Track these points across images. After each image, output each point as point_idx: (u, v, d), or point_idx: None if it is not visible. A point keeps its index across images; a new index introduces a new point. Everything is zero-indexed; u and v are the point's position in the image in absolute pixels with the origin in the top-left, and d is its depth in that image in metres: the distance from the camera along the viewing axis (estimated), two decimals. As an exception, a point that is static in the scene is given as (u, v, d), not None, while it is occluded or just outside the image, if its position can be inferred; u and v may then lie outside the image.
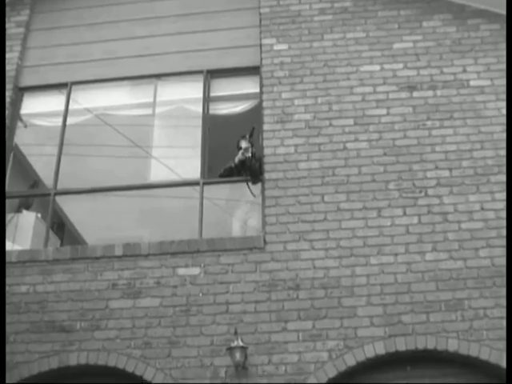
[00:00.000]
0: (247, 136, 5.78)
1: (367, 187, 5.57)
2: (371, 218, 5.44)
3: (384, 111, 5.83)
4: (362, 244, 5.34)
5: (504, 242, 5.18)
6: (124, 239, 5.59)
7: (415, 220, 5.37)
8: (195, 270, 5.38)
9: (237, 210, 6.10)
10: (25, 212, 6.12)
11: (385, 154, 5.66)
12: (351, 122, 5.81)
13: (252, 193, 5.76)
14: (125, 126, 6.21)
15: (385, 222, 5.41)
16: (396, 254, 5.29)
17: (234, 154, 5.95)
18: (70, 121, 6.15)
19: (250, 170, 5.74)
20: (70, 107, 6.18)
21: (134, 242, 5.55)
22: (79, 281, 5.38)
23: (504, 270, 5.10)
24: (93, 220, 6.33)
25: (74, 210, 6.40)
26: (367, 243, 5.34)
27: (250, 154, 5.70)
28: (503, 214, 5.30)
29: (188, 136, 6.20)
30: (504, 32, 5.82)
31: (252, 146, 5.87)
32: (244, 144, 5.79)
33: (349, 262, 5.30)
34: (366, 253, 5.32)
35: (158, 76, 6.29)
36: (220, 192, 6.07)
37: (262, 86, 6.06)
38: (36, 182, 6.42)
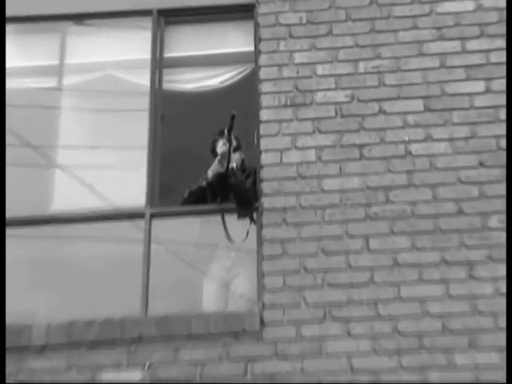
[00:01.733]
0: (225, 131, 5.67)
1: (450, 224, 5.18)
2: (457, 281, 5.01)
3: (481, 86, 5.50)
4: (441, 327, 4.86)
5: None
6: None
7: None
8: (134, 375, 5.09)
9: (212, 263, 5.82)
10: None
11: (481, 165, 5.28)
12: (419, 105, 5.48)
13: (228, 235, 5.67)
14: (9, 109, 5.83)
15: (481, 289, 4.98)
16: (503, 349, 4.80)
17: (207, 164, 5.85)
18: None
19: (235, 192, 5.63)
20: None
21: (17, 323, 5.20)
22: None
23: None
24: None
25: None
26: (448, 326, 4.87)
27: (233, 164, 5.64)
28: None
29: (124, 130, 6.10)
30: None
31: (238, 148, 5.85)
32: (221, 147, 5.79)
33: (416, 361, 4.83)
34: (448, 344, 4.81)
35: (70, 18, 6.20)
36: (182, 231, 5.88)
37: (258, 39, 5.88)
38: None
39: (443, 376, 4.92)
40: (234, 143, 5.84)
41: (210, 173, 5.78)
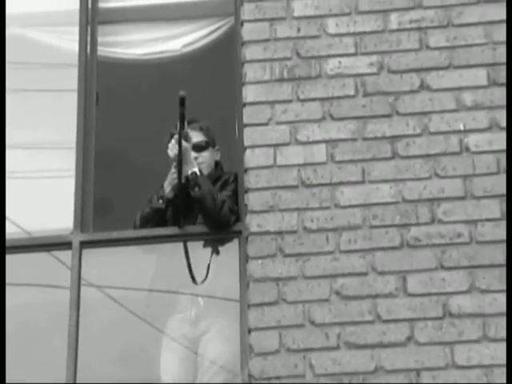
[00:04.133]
0: (179, 126, 5.75)
1: None
2: None
3: None
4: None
5: None
6: None
7: None
8: None
9: (171, 315, 5.82)
10: None
11: None
12: (482, 77, 5.58)
13: (191, 273, 5.76)
14: None
15: None
16: None
17: (163, 167, 5.93)
18: None
19: (201, 209, 5.75)
20: None
21: None
22: None
23: None
24: None
25: None
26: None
27: (194, 170, 5.76)
28: None
29: (41, 118, 6.16)
30: None
31: (208, 144, 6.01)
32: (172, 147, 5.87)
33: None
34: None
35: None
36: (126, 266, 5.93)
37: None
38: None
39: None
40: (200, 138, 5.91)
41: (168, 186, 5.81)
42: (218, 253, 5.82)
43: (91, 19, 6.16)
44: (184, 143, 5.74)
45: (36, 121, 6.31)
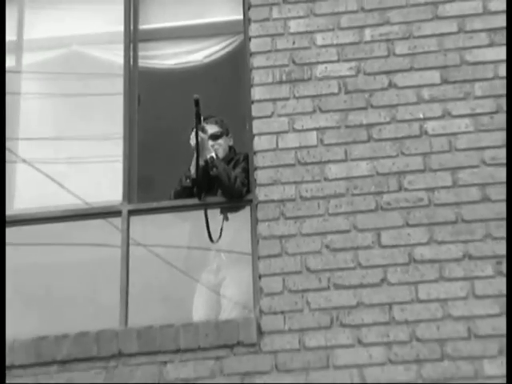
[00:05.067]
0: (195, 122, 5.77)
1: (473, 214, 5.32)
2: (484, 279, 5.14)
3: (503, 52, 5.63)
4: (466, 333, 5.03)
5: None
6: None
7: None
8: None
9: (199, 266, 5.95)
10: None
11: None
12: (436, 76, 5.62)
13: (209, 233, 5.81)
14: None
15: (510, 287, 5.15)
16: None
17: (192, 152, 5.94)
18: None
19: (219, 185, 5.82)
20: None
21: None
22: None
23: None
24: None
25: None
26: (475, 331, 5.03)
27: (211, 154, 5.84)
28: None
29: (94, 114, 6.22)
30: None
31: (223, 133, 6.06)
32: (192, 138, 5.89)
33: (438, 372, 4.98)
34: (478, 351, 4.99)
35: None
36: (164, 230, 5.99)
37: (247, 6, 6.02)
38: None
39: None
40: (215, 129, 6.01)
41: (192, 168, 5.88)
42: (233, 218, 5.91)
43: (133, 38, 6.21)
44: (201, 134, 5.80)
45: (92, 118, 6.33)
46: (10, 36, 6.36)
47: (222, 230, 5.89)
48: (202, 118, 5.79)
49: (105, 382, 5.18)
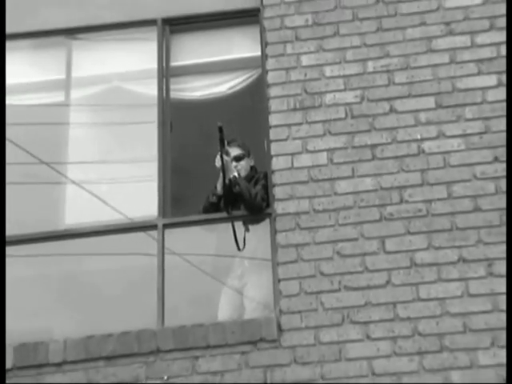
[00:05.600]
0: (220, 146, 5.81)
1: (466, 222, 5.34)
2: (477, 279, 5.16)
3: (493, 80, 5.67)
4: (462, 328, 5.04)
5: None
6: (17, 337, 5.44)
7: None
8: None
9: (226, 272, 5.93)
10: None
11: (496, 160, 5.45)
12: (431, 102, 5.65)
13: (237, 243, 5.84)
14: (13, 126, 6.08)
15: (502, 286, 5.10)
16: None
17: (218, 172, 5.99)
18: None
19: (242, 200, 5.81)
20: None
21: (34, 340, 5.36)
22: None
23: None
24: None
25: None
26: (470, 326, 5.04)
27: (234, 174, 5.86)
28: None
29: (132, 140, 6.29)
30: None
31: (245, 155, 6.06)
32: (218, 160, 5.91)
33: (438, 362, 4.99)
34: (470, 344, 5.00)
35: (74, 32, 6.41)
36: (194, 241, 5.99)
37: (264, 44, 6.04)
38: None
39: (466, 376, 5.01)
40: (238, 151, 6.02)
41: (218, 186, 5.91)
42: (255, 229, 5.90)
43: (165, 73, 6.21)
44: (225, 157, 5.82)
45: (131, 143, 6.35)
46: (60, 75, 6.41)
47: (245, 239, 5.90)
48: (225, 142, 5.80)
49: (145, 375, 5.19)
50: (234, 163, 5.93)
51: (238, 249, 5.89)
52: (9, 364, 5.34)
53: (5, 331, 5.23)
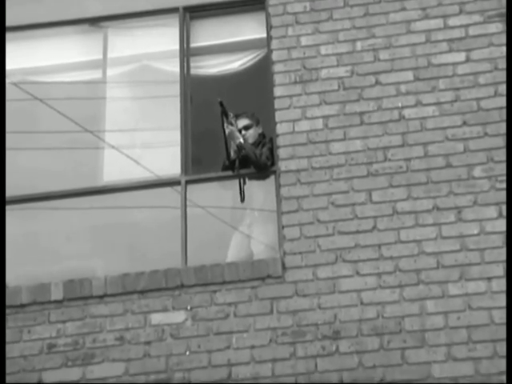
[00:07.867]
0: (224, 118, 5.93)
1: (439, 176, 5.49)
2: (447, 224, 5.35)
3: (462, 56, 5.77)
4: (436, 264, 5.26)
5: None
6: (66, 274, 5.56)
7: (517, 223, 5.40)
8: (178, 316, 5.37)
9: (238, 221, 6.01)
10: None
11: (465, 124, 5.58)
12: (410, 76, 5.77)
13: (242, 194, 5.91)
14: (60, 100, 6.21)
15: (469, 229, 5.32)
16: (490, 279, 5.16)
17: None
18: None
19: (250, 161, 5.91)
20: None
21: (80, 277, 5.52)
22: (-5, 342, 5.37)
23: None
24: (14, 246, 5.98)
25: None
26: (443, 262, 5.25)
27: (239, 140, 5.92)
28: None
29: (159, 110, 6.33)
30: None
31: (253, 124, 6.10)
32: (227, 129, 5.99)
33: (415, 293, 5.21)
34: (442, 278, 5.23)
35: (108, 19, 6.46)
36: (212, 195, 6.07)
37: (269, 27, 6.10)
38: None
39: (438, 304, 5.19)
40: (246, 122, 6.08)
41: (232, 152, 5.97)
42: (261, 184, 5.98)
43: (186, 53, 6.32)
44: (230, 127, 5.91)
45: (157, 113, 6.44)
46: (98, 56, 6.53)
47: (244, 192, 5.92)
48: (228, 114, 5.90)
49: (172, 305, 5.34)
50: (243, 131, 6.03)
51: (241, 200, 5.95)
52: (60, 296, 5.47)
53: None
